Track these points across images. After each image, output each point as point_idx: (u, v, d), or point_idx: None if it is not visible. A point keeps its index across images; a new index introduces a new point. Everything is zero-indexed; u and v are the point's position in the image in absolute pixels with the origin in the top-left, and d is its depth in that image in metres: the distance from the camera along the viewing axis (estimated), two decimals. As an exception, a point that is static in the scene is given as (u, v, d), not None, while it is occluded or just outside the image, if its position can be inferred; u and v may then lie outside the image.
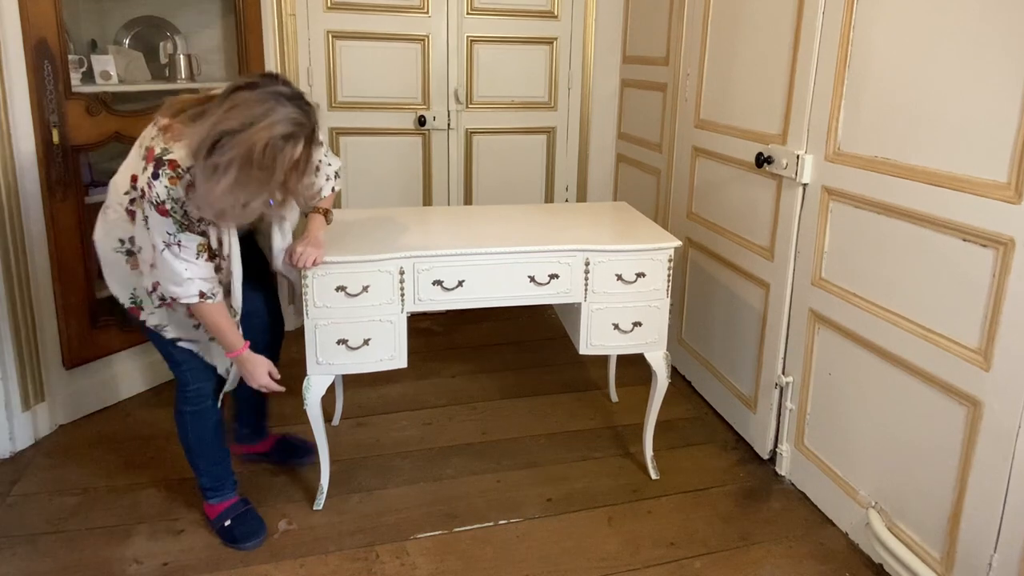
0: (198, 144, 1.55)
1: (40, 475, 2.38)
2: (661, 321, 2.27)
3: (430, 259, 2.09)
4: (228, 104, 1.55)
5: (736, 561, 2.07)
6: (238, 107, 1.54)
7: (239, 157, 1.53)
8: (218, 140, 1.52)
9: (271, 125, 1.54)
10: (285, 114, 1.56)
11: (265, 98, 1.55)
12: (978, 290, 1.69)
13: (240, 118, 1.53)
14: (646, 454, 2.46)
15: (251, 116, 1.53)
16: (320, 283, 2.03)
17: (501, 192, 3.75)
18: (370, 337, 2.10)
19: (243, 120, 1.53)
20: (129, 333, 2.79)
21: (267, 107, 1.54)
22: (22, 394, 2.50)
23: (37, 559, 2.02)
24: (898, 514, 1.98)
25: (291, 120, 1.56)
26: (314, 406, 2.14)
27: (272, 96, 1.56)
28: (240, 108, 1.54)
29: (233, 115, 1.53)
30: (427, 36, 3.48)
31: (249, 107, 1.54)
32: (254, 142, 1.52)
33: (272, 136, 1.54)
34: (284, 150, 1.57)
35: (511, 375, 3.13)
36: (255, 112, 1.54)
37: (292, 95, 1.60)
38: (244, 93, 1.56)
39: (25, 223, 2.44)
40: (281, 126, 1.55)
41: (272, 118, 1.54)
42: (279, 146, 1.55)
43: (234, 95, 1.57)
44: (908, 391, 1.91)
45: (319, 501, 2.23)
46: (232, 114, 1.54)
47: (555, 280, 2.17)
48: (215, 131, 1.53)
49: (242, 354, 1.92)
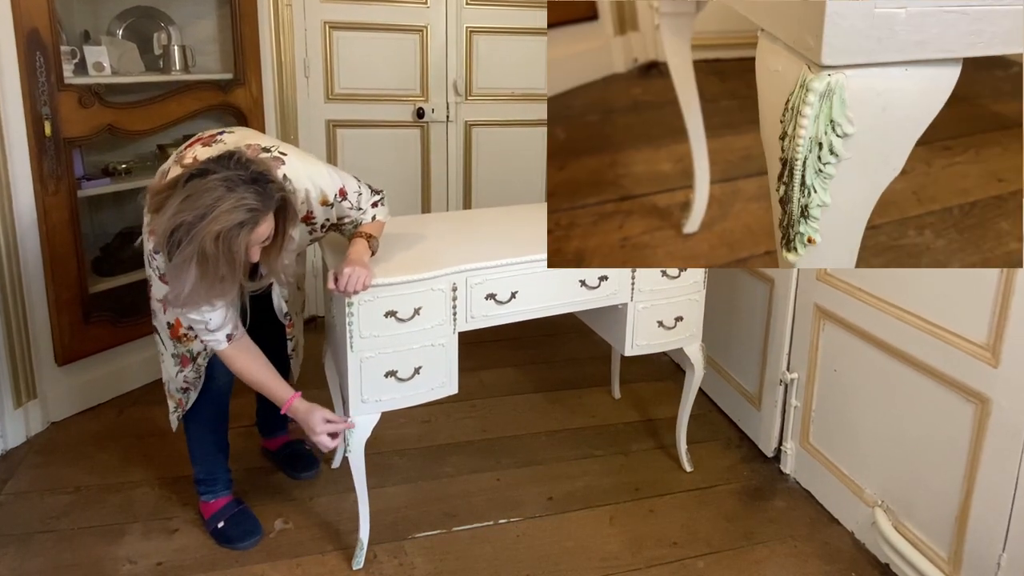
0: (158, 241, 1.55)
1: (32, 473, 2.36)
2: (699, 313, 2.27)
3: (483, 271, 1.94)
4: (181, 195, 1.51)
5: (740, 561, 2.05)
6: (190, 197, 1.50)
7: (196, 253, 1.50)
8: (173, 234, 1.50)
9: (220, 216, 1.49)
10: (237, 200, 1.51)
11: (215, 186, 1.50)
12: (986, 284, 1.67)
13: (192, 210, 1.49)
14: (680, 447, 2.46)
15: (202, 207, 1.49)
16: (367, 310, 1.83)
17: (502, 186, 3.72)
18: (421, 365, 1.91)
19: (195, 212, 1.49)
20: (123, 329, 2.76)
21: (216, 196, 1.50)
22: (13, 391, 2.47)
23: (29, 558, 1.99)
24: (905, 513, 1.96)
25: (244, 207, 1.51)
26: (358, 453, 1.92)
27: (222, 183, 1.51)
28: (192, 199, 1.50)
29: (185, 207, 1.49)
30: (426, 27, 3.44)
31: (199, 197, 1.49)
32: (205, 235, 1.49)
33: (223, 227, 1.50)
34: (239, 237, 1.53)
35: (511, 371, 3.11)
36: (205, 202, 1.49)
37: (249, 177, 1.54)
38: (196, 182, 1.52)
39: (16, 216, 2.42)
40: (233, 214, 1.50)
41: (221, 207, 1.49)
42: (233, 234, 1.52)
43: (188, 184, 1.52)
44: (915, 388, 1.89)
45: (358, 558, 1.99)
46: (185, 206, 1.50)
47: (604, 282, 2.11)
48: (170, 225, 1.50)
49: (293, 404, 1.84)
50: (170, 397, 2.00)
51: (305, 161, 1.82)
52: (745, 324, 2.62)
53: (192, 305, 1.64)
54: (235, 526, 2.07)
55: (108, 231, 2.98)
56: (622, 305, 2.17)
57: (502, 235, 2.23)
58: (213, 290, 1.60)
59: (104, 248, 2.87)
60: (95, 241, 2.91)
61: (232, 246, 1.52)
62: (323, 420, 1.82)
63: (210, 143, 1.79)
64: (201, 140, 1.83)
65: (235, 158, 1.57)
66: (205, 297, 1.62)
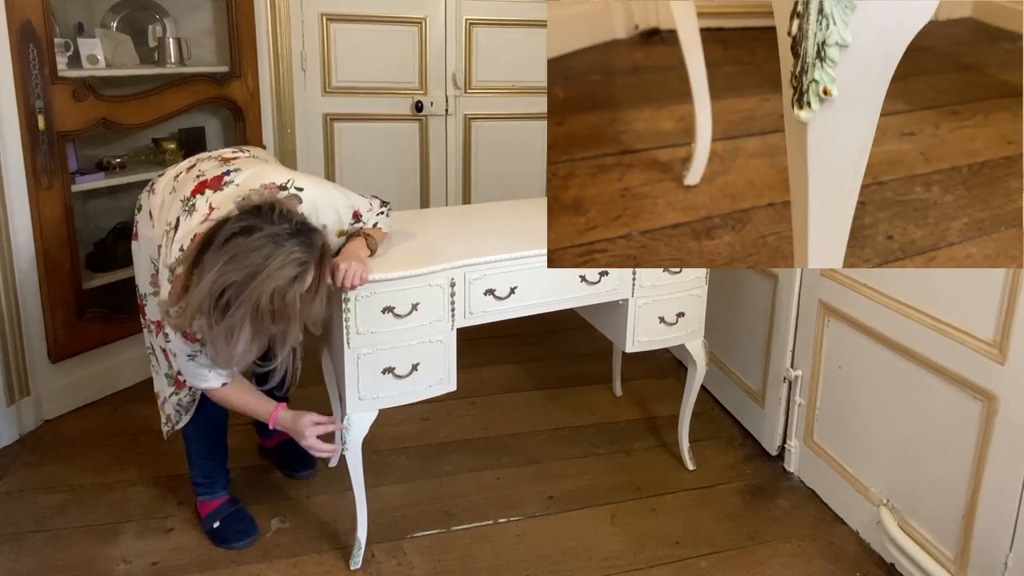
0: (201, 304, 1.47)
1: (25, 472, 2.34)
2: (701, 309, 2.25)
3: (482, 267, 1.92)
4: (225, 255, 1.46)
5: (743, 561, 2.03)
6: (236, 257, 1.45)
7: (249, 313, 1.46)
8: (221, 295, 1.45)
9: (273, 273, 1.46)
10: (287, 255, 1.48)
11: (263, 243, 1.47)
12: (994, 280, 1.65)
13: (241, 270, 1.45)
14: (682, 446, 2.44)
15: (252, 266, 1.45)
16: (364, 306, 1.80)
17: (502, 181, 3.70)
18: (419, 361, 1.89)
19: (245, 272, 1.45)
20: (117, 325, 2.74)
21: (265, 253, 1.46)
22: (6, 388, 2.45)
23: (22, 558, 1.97)
24: (910, 512, 1.95)
25: (295, 261, 1.49)
26: (355, 451, 1.90)
27: (270, 240, 1.47)
28: (238, 258, 1.45)
29: (233, 267, 1.45)
30: (424, 19, 3.42)
31: (247, 256, 1.45)
32: (260, 294, 1.45)
33: (277, 285, 1.46)
34: (292, 290, 1.49)
35: (511, 368, 3.08)
36: (255, 261, 1.45)
37: (293, 230, 1.51)
38: (240, 240, 1.47)
39: (9, 211, 2.39)
40: (286, 270, 1.47)
41: (273, 264, 1.46)
42: (286, 289, 1.48)
43: (230, 244, 1.47)
44: (921, 385, 1.88)
45: (355, 558, 1.98)
46: (232, 266, 1.45)
47: (605, 278, 2.08)
48: (217, 286, 1.45)
49: (278, 416, 1.83)
50: (161, 410, 1.98)
51: (320, 191, 1.75)
52: (748, 320, 2.60)
53: (241, 366, 1.62)
54: (231, 526, 2.05)
55: (102, 226, 2.95)
56: (623, 301, 2.15)
57: (501, 230, 2.20)
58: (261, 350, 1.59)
59: (98, 243, 2.85)
60: (89, 236, 2.89)
61: (287, 301, 1.49)
62: (311, 423, 1.81)
63: (218, 186, 1.70)
64: (207, 184, 1.71)
65: (277, 211, 1.52)
66: (254, 356, 1.59)
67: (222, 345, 1.52)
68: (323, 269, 1.59)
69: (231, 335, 1.49)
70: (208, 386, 1.77)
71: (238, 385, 1.81)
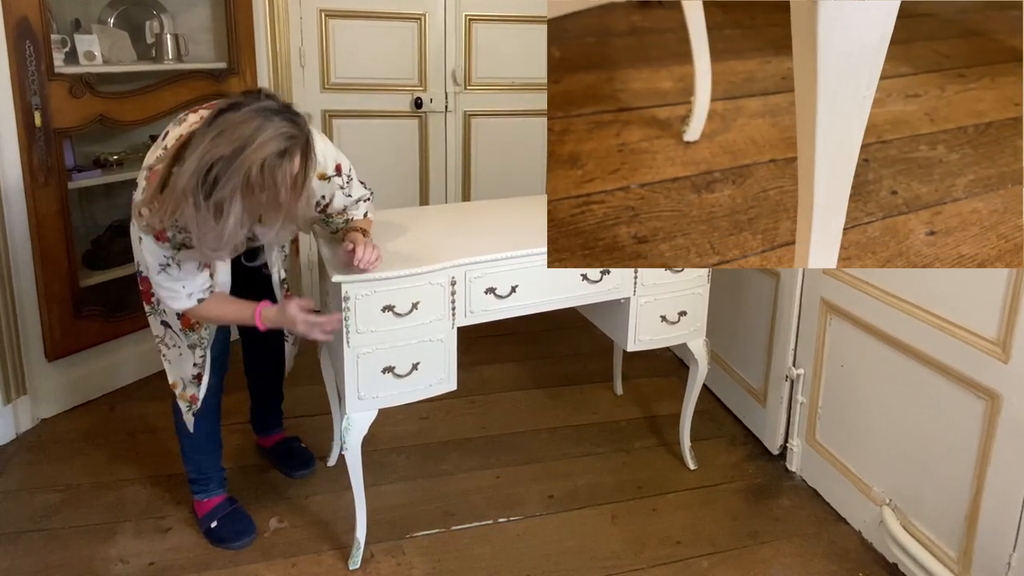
0: (187, 185, 1.45)
1: (21, 471, 2.33)
2: (703, 307, 2.24)
3: (483, 265, 1.90)
4: (211, 132, 1.45)
5: (745, 560, 2.02)
6: (224, 132, 1.44)
7: (241, 185, 1.44)
8: (209, 171, 1.43)
9: (263, 144, 1.44)
10: (276, 129, 1.46)
11: (252, 116, 1.45)
12: (997, 278, 1.65)
13: (230, 143, 1.43)
14: (683, 445, 2.43)
15: (240, 139, 1.43)
16: (364, 304, 1.78)
17: (501, 177, 3.68)
18: (419, 360, 1.88)
19: (233, 145, 1.43)
20: (114, 323, 2.72)
21: (254, 125, 1.44)
22: (3, 387, 2.44)
23: (19, 558, 1.96)
24: (913, 512, 1.94)
25: (283, 135, 1.47)
26: (355, 451, 1.88)
27: (260, 113, 1.46)
28: (226, 132, 1.44)
29: (220, 141, 1.43)
30: (424, 15, 3.40)
31: (235, 130, 1.44)
32: (250, 164, 1.43)
33: (267, 155, 1.44)
34: (282, 166, 1.47)
35: (511, 367, 3.07)
36: (243, 133, 1.44)
37: (279, 108, 1.51)
38: (228, 116, 1.46)
39: (6, 209, 2.38)
40: (274, 143, 1.45)
41: (261, 137, 1.44)
42: (275, 163, 1.46)
43: (217, 121, 1.46)
44: (924, 384, 1.87)
45: (354, 558, 1.97)
46: (219, 141, 1.43)
47: (606, 276, 2.07)
48: (204, 163, 1.43)
49: (263, 313, 1.79)
50: (181, 398, 1.96)
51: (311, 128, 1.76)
52: (750, 319, 2.59)
53: (229, 247, 1.57)
54: (228, 526, 2.04)
55: (99, 223, 2.94)
56: (624, 299, 2.14)
57: (502, 228, 2.19)
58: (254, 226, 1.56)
59: (95, 241, 2.83)
60: (86, 234, 2.87)
61: (276, 176, 1.46)
62: (297, 307, 1.75)
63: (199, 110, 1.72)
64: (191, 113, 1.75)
65: (262, 92, 1.53)
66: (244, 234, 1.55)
67: (211, 224, 1.48)
68: (308, 160, 1.56)
69: (220, 212, 1.46)
70: (183, 306, 1.74)
71: (215, 298, 1.78)
